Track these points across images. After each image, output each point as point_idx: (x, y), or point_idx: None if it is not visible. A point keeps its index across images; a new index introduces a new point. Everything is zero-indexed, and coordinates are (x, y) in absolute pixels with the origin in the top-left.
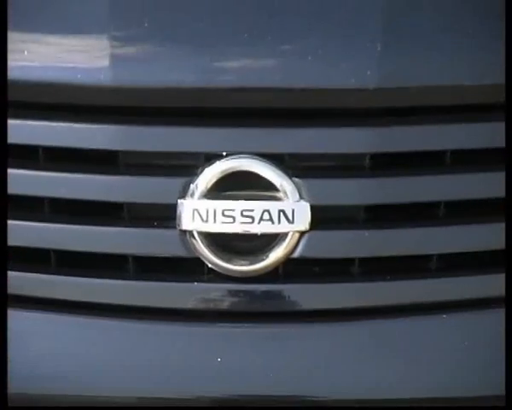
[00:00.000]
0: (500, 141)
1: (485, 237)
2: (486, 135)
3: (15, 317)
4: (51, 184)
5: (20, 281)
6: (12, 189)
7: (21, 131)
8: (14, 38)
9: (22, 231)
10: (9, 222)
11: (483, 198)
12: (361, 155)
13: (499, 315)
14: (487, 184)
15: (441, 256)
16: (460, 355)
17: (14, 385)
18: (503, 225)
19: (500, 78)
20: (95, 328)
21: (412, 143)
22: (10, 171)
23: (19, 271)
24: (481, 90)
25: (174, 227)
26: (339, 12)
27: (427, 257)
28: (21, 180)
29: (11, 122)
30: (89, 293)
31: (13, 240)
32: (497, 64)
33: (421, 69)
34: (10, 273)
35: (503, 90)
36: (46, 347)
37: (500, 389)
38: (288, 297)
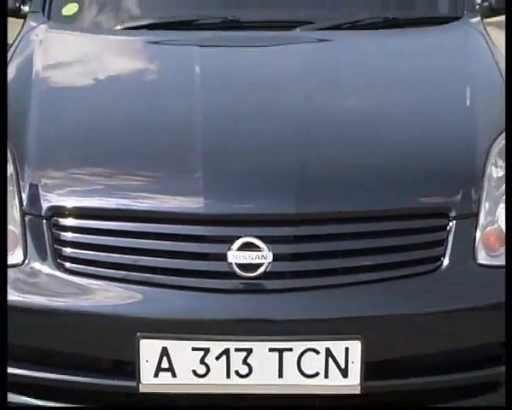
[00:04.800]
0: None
1: None
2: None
3: None
4: None
5: None
6: None
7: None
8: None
9: None
10: None
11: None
12: (287, 237)
13: None
14: None
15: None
16: None
17: None
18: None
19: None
20: (196, 297)
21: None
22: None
23: None
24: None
25: (225, 261)
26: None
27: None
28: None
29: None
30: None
31: None
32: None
33: (323, 199)
34: None
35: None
36: None
37: None
38: (265, 285)
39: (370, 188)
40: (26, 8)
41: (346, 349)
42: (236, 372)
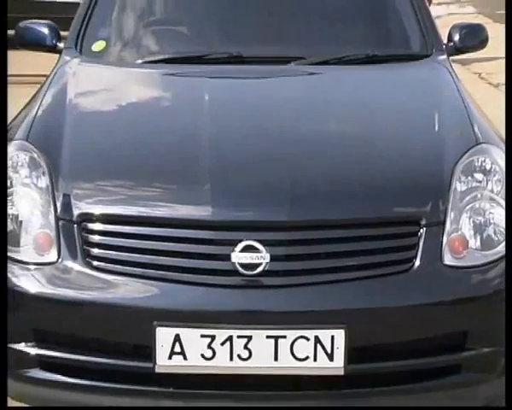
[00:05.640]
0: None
1: None
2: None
3: None
4: None
5: None
6: None
7: None
8: None
9: None
10: None
11: None
12: (282, 241)
13: None
14: None
15: None
16: None
17: None
18: None
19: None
20: (205, 291)
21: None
22: None
23: None
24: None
25: (229, 260)
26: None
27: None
28: None
29: None
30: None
31: None
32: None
33: (313, 209)
34: None
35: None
36: None
37: None
38: (263, 281)
39: (353, 200)
40: (61, 45)
41: (332, 337)
42: (238, 356)
